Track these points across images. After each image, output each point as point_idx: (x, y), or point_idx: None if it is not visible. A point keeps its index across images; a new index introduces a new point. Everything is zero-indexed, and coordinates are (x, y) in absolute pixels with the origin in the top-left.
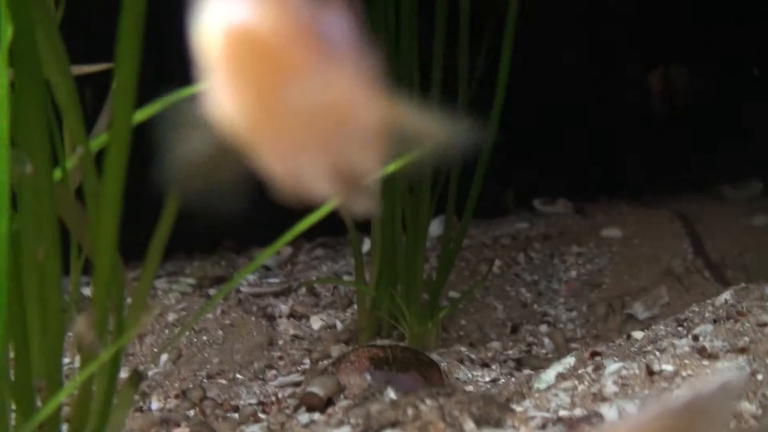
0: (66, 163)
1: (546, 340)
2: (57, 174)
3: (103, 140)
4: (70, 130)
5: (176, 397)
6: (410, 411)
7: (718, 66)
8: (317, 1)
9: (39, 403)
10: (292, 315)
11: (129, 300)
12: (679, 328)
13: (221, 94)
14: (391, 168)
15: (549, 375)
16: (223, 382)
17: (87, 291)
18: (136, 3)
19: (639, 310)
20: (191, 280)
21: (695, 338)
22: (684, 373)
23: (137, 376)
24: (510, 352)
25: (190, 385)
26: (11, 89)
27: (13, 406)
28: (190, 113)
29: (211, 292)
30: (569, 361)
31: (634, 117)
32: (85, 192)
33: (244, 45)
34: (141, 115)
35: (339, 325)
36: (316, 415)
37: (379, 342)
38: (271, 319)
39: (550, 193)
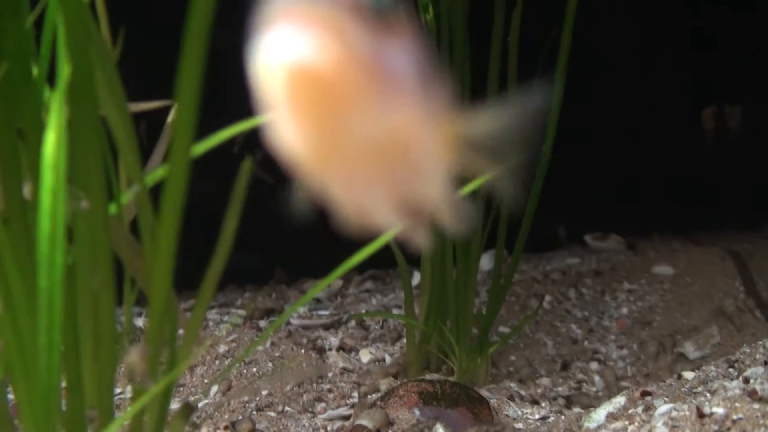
0: (121, 198)
1: (596, 378)
2: (113, 208)
3: (159, 174)
4: (127, 165)
5: (226, 428)
6: None
7: None
8: (382, 32)
9: None
10: (341, 348)
11: (181, 332)
12: (730, 369)
13: (283, 127)
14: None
15: (599, 414)
16: (273, 414)
17: (139, 322)
18: (197, 41)
19: (690, 349)
20: (242, 312)
21: (746, 380)
22: (735, 416)
23: (188, 408)
24: (560, 389)
25: (240, 417)
26: (69, 126)
27: None
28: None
29: (262, 323)
30: (619, 400)
31: (687, 153)
32: (140, 226)
33: (303, 81)
34: (198, 148)
35: (388, 359)
36: None
37: (428, 376)
38: (320, 351)
39: (601, 229)
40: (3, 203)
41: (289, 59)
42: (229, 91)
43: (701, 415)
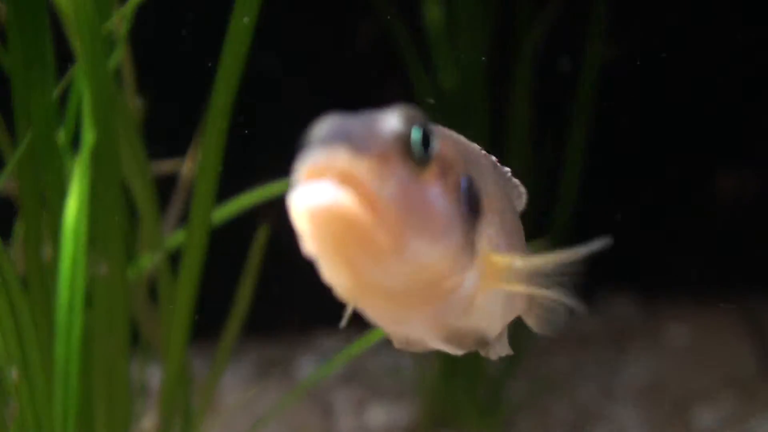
0: (141, 262)
1: None
2: (132, 272)
3: (179, 239)
4: (147, 231)
5: None
6: None
7: None
8: (421, 173)
9: None
10: (352, 403)
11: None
12: None
13: (321, 263)
14: None
15: None
16: None
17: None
18: (220, 116)
19: (704, 415)
20: (252, 360)
21: None
22: None
23: None
24: None
25: None
26: (91, 191)
27: None
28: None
29: (272, 371)
30: None
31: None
32: (160, 291)
33: (330, 226)
34: (219, 215)
35: (399, 417)
36: None
37: None
38: (330, 407)
39: (615, 288)
40: (22, 266)
41: (313, 205)
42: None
43: None
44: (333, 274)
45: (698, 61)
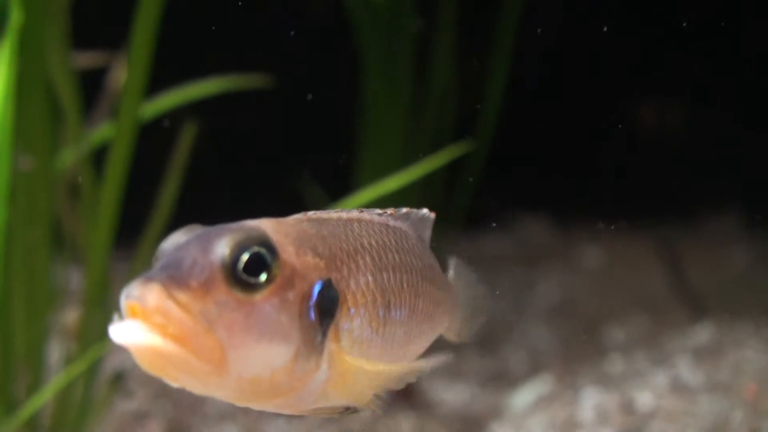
0: (64, 157)
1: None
2: (58, 165)
3: (104, 135)
4: (71, 125)
5: None
6: None
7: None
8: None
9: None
10: None
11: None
12: (657, 359)
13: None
14: None
15: (526, 395)
16: None
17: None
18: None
19: (615, 333)
20: None
21: (673, 370)
22: (661, 406)
23: (118, 377)
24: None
25: None
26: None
27: None
28: None
29: None
30: (545, 384)
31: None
32: (83, 188)
33: (148, 361)
34: (148, 110)
35: None
36: None
37: None
38: None
39: (531, 212)
40: None
41: (137, 347)
42: None
43: (627, 404)
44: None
45: None
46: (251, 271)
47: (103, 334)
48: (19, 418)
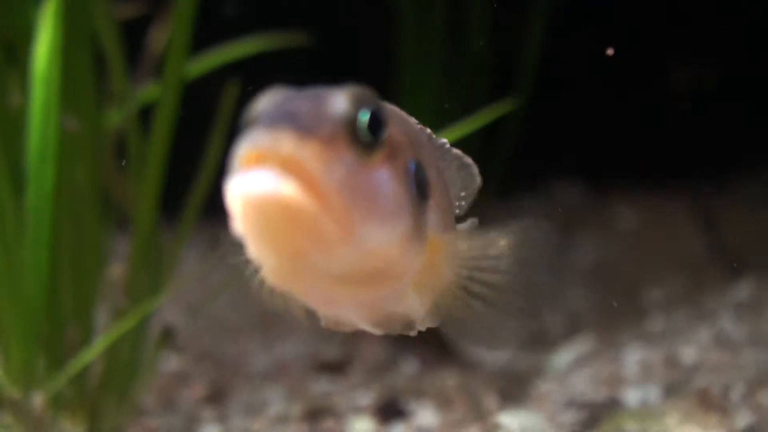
0: (111, 117)
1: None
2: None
3: (148, 96)
4: (117, 83)
5: None
6: None
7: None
8: (366, 156)
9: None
10: None
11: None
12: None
13: (253, 252)
14: None
15: (567, 354)
16: None
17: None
18: None
19: (653, 293)
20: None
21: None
22: (708, 360)
23: (167, 332)
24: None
25: None
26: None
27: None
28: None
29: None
30: (585, 344)
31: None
32: (129, 148)
33: (273, 216)
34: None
35: None
36: None
37: None
38: None
39: (566, 175)
40: None
41: (249, 192)
42: None
43: (672, 358)
44: (267, 259)
45: None
46: (371, 128)
47: (152, 292)
48: (67, 373)
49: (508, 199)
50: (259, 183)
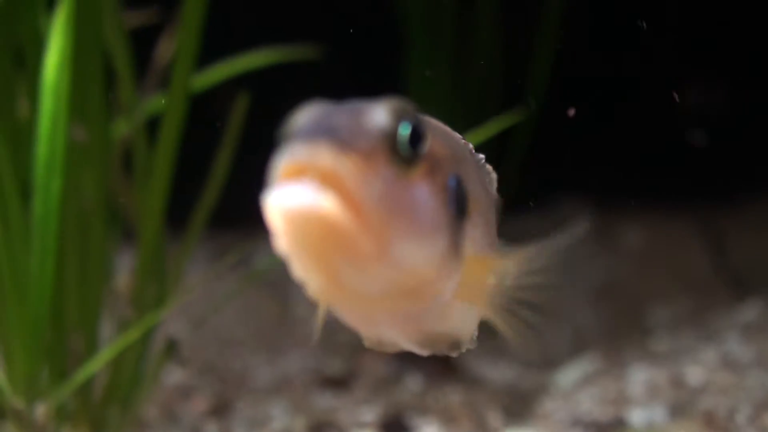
0: (117, 128)
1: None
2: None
3: (155, 107)
4: (124, 94)
5: None
6: None
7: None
8: (406, 172)
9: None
10: None
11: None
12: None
13: (296, 269)
14: None
15: (573, 373)
16: None
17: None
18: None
19: (658, 312)
20: (211, 249)
21: (723, 346)
22: (714, 382)
23: (172, 344)
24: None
25: None
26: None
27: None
28: None
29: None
30: (591, 362)
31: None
32: (135, 158)
33: (310, 231)
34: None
35: None
36: None
37: None
38: (286, 296)
39: (570, 192)
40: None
41: (303, 211)
42: None
43: (678, 378)
44: (308, 276)
45: None
46: (411, 142)
47: (157, 303)
48: (71, 384)
49: (512, 215)
50: (298, 196)
